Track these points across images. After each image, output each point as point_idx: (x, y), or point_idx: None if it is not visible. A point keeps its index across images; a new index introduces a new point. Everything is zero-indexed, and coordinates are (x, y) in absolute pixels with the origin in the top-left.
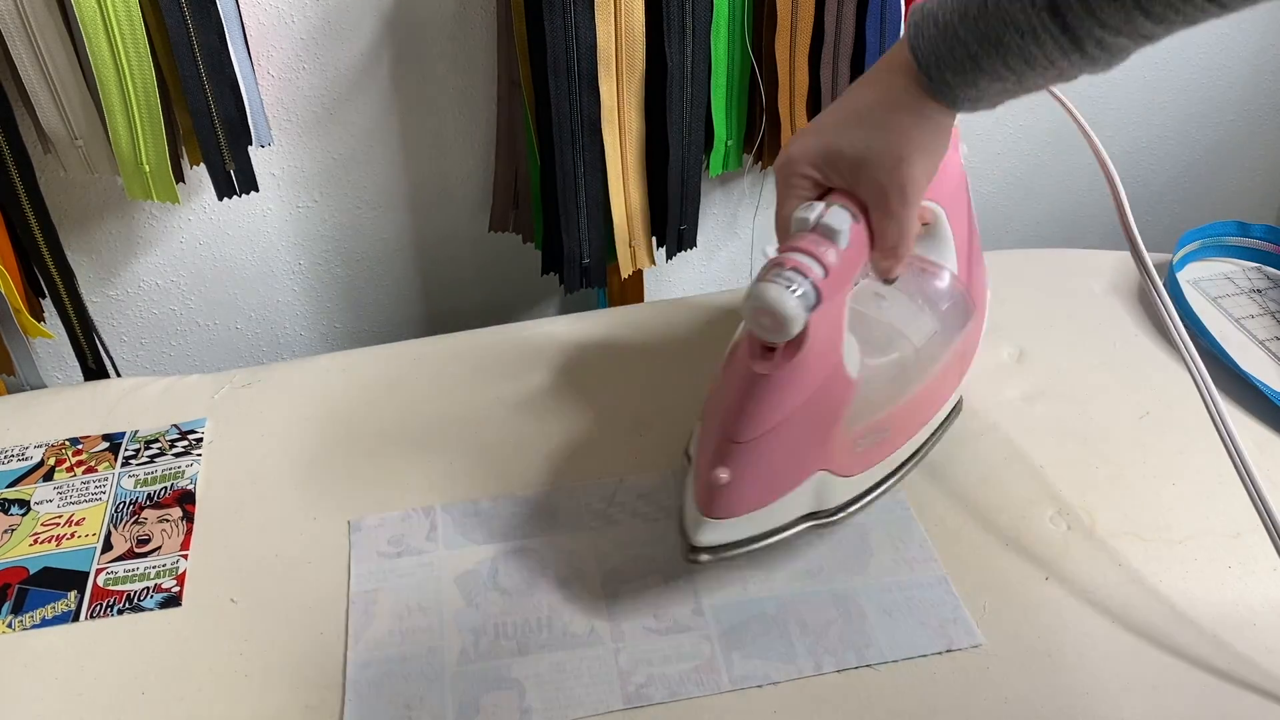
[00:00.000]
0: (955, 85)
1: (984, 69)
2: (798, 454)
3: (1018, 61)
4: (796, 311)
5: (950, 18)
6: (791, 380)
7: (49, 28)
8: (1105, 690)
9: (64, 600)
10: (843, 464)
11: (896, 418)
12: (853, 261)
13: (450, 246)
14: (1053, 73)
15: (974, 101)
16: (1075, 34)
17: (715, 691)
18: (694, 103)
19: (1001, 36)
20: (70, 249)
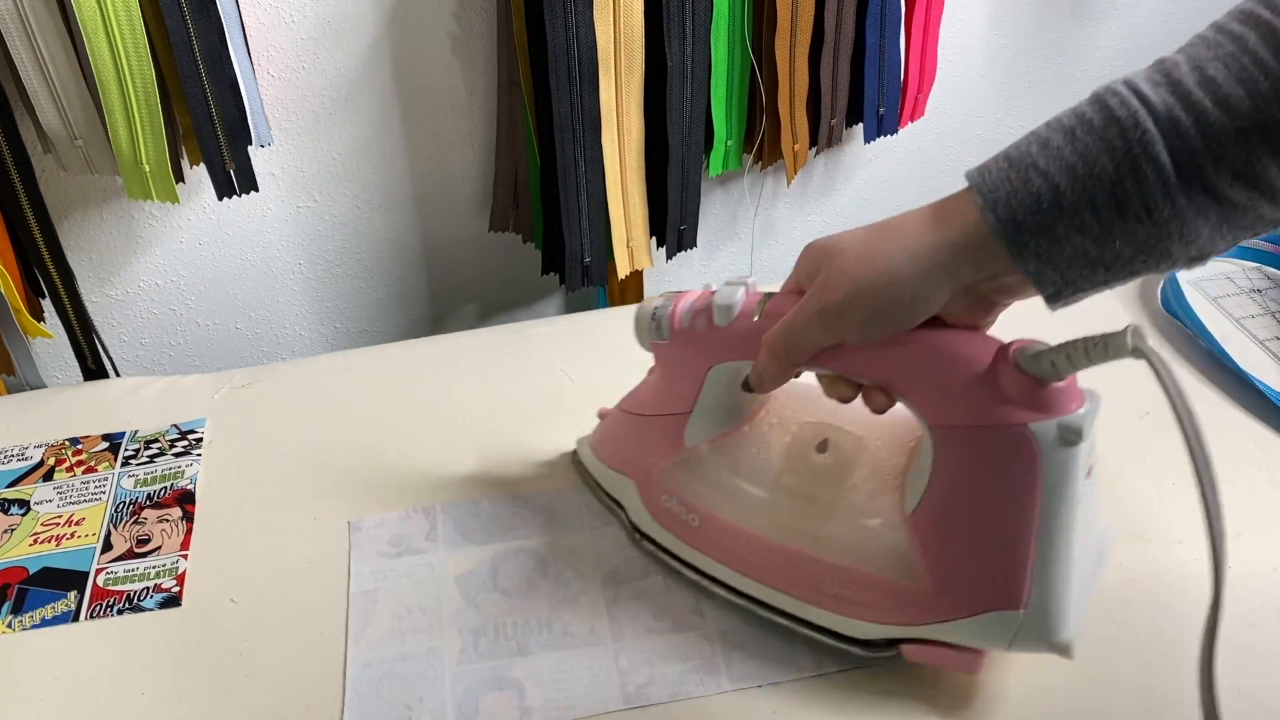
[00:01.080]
0: (1025, 227)
1: (1064, 207)
2: (627, 448)
3: (1107, 205)
4: (641, 327)
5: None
6: (646, 388)
7: (49, 28)
8: (1105, 691)
9: (64, 600)
10: (649, 497)
11: (709, 521)
12: (728, 342)
13: (450, 246)
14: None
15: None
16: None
17: (715, 691)
18: (694, 103)
19: (1093, 166)
20: (70, 249)
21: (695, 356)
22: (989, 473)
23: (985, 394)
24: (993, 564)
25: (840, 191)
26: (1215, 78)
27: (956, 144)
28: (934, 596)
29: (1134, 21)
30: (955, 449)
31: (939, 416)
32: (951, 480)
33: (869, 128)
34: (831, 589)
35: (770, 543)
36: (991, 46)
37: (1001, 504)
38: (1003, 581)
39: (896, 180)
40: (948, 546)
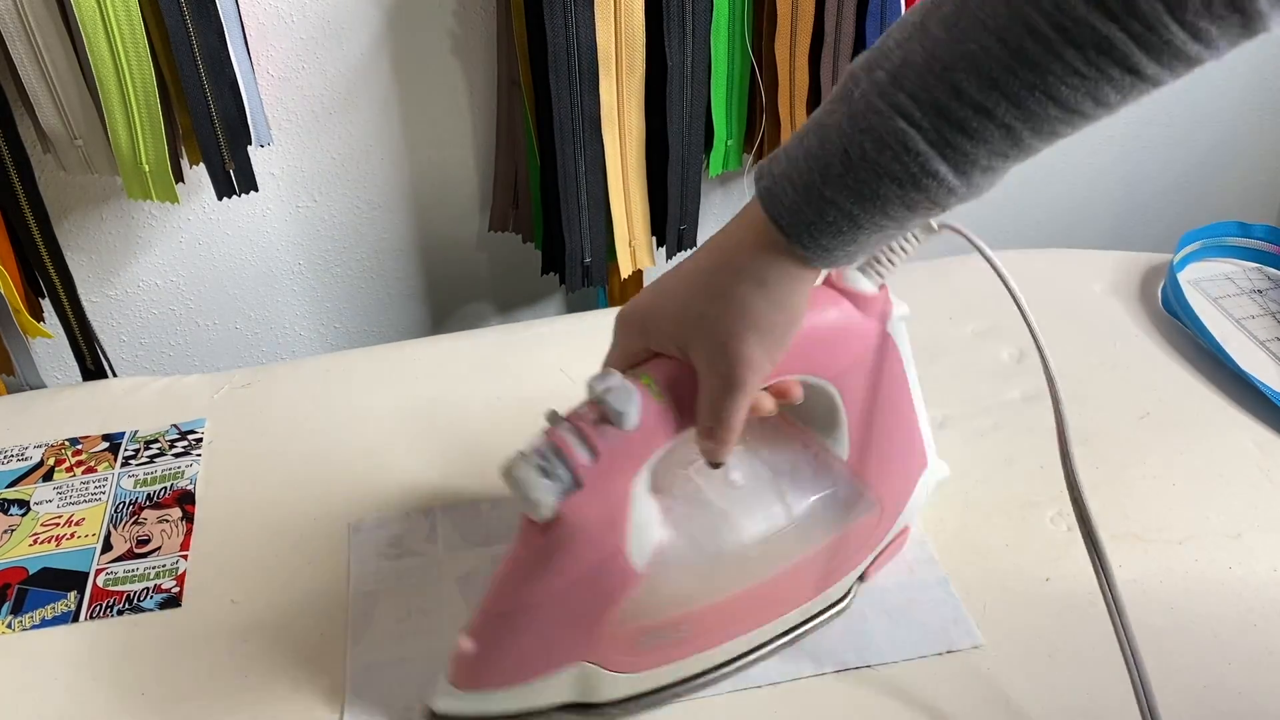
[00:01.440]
0: (834, 248)
1: (863, 225)
2: (553, 639)
3: (899, 209)
4: (539, 495)
5: (810, 179)
6: (551, 562)
7: (48, 27)
8: (1105, 692)
9: (64, 600)
10: (614, 659)
11: (705, 619)
12: (646, 442)
13: (450, 246)
14: (937, 210)
15: (852, 256)
16: (961, 169)
17: (715, 692)
18: (694, 102)
19: (878, 189)
20: (69, 249)
21: (619, 479)
22: (883, 383)
23: (857, 330)
24: (908, 449)
25: None
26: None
27: None
28: (887, 510)
29: None
30: (854, 385)
31: (837, 370)
32: (862, 411)
33: None
34: (815, 579)
35: (766, 582)
36: None
37: (898, 400)
38: (915, 455)
39: None
40: (881, 463)
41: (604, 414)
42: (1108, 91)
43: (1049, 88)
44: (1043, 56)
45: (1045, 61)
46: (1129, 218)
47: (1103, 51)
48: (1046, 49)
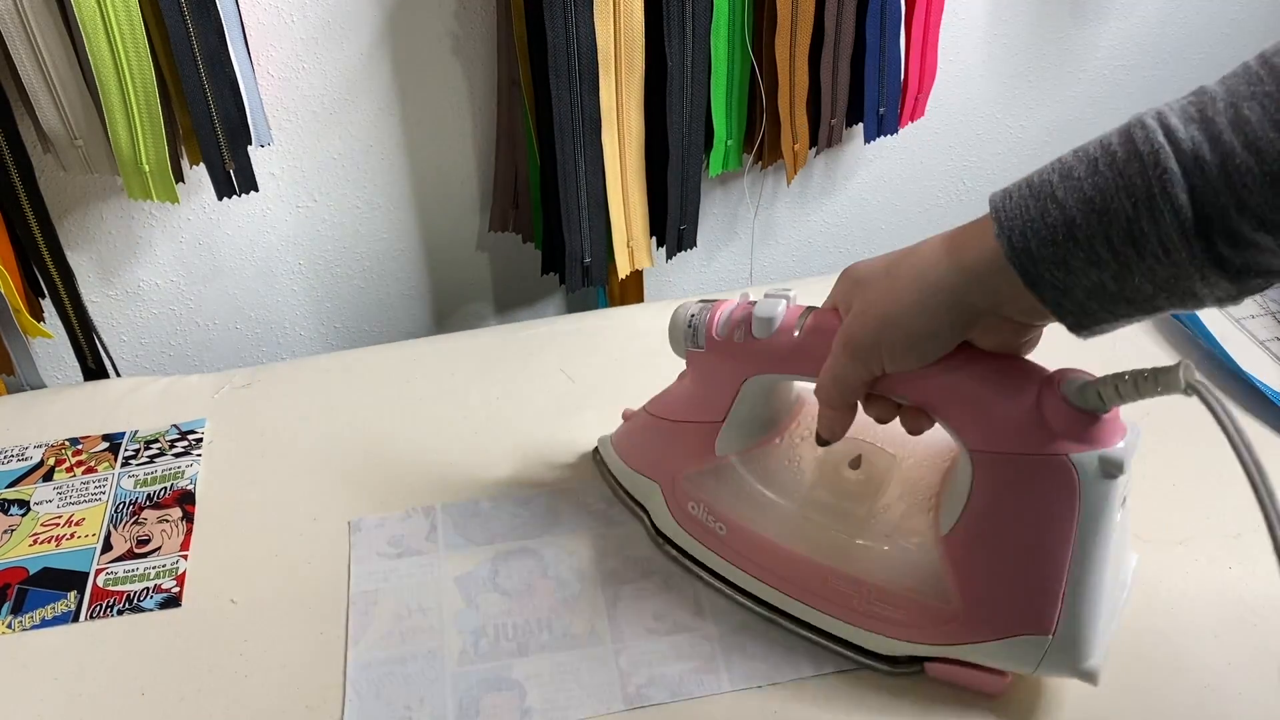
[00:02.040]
0: (1040, 259)
1: (1079, 240)
2: (652, 451)
3: (1124, 242)
4: (677, 340)
5: (1048, 177)
6: (676, 393)
7: (49, 27)
8: (1106, 692)
9: (64, 600)
10: (674, 503)
11: (735, 531)
12: (765, 356)
13: (450, 246)
14: (1164, 271)
15: (1060, 292)
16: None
17: (715, 691)
18: (694, 103)
19: (1110, 203)
20: (70, 249)
21: (731, 367)
22: (1027, 500)
23: (1029, 423)
24: (1025, 589)
25: (840, 191)
26: (1249, 118)
27: (956, 144)
28: (963, 618)
29: (1134, 21)
30: (995, 474)
31: (980, 442)
32: (989, 505)
33: (869, 128)
34: (860, 605)
35: (799, 556)
36: (991, 46)
37: (1038, 531)
38: (1034, 607)
39: (896, 180)
40: (981, 570)
41: (754, 310)
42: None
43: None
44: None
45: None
46: None
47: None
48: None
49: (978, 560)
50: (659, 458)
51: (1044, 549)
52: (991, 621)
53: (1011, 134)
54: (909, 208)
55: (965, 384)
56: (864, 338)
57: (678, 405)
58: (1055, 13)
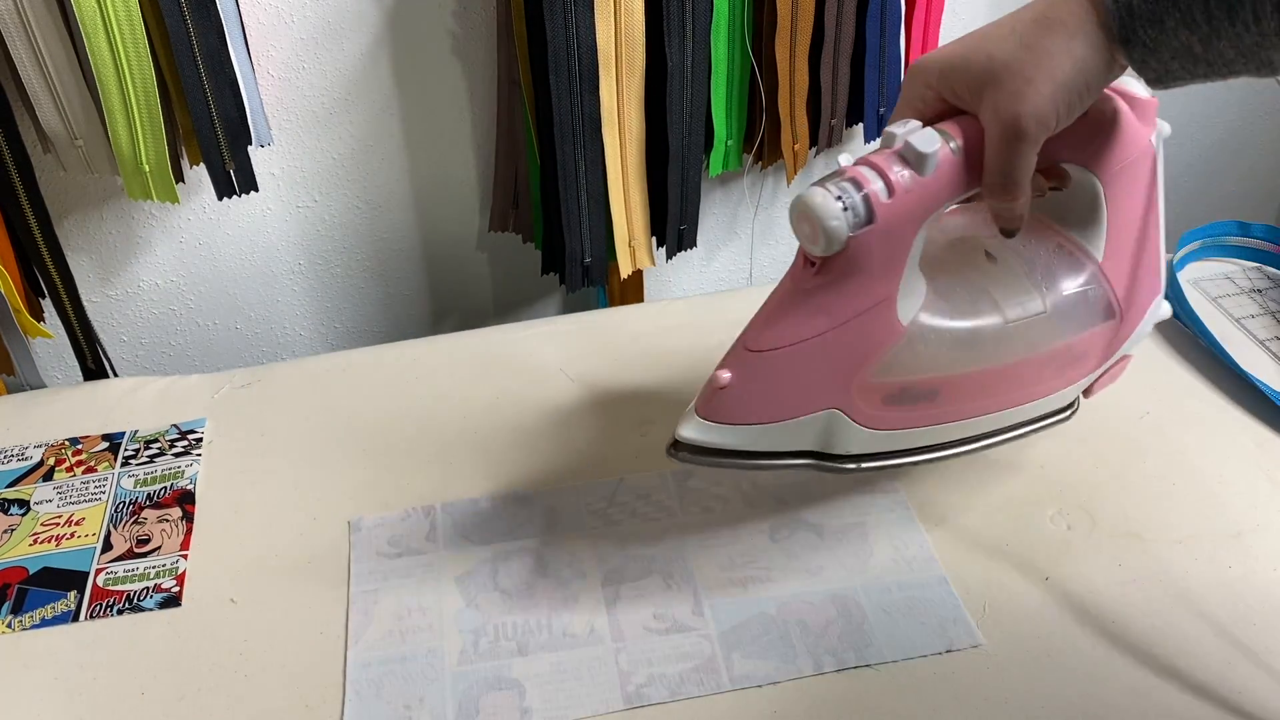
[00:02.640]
0: (1139, 13)
1: (1179, 3)
2: (810, 382)
3: (1219, 6)
4: (836, 223)
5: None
6: (823, 301)
7: (49, 28)
8: (1105, 691)
9: (64, 600)
10: (863, 412)
11: (952, 387)
12: (937, 193)
13: (450, 246)
14: (1250, 39)
15: (1149, 48)
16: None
17: (715, 691)
18: (694, 103)
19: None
20: (70, 249)
21: (907, 224)
22: (1140, 192)
23: (1132, 130)
24: (1151, 267)
25: None
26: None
27: None
28: (1125, 321)
29: None
30: (1119, 187)
31: (1108, 165)
32: (1121, 215)
33: (869, 128)
34: (1058, 373)
35: (1015, 363)
36: None
37: (1149, 214)
38: (1156, 276)
39: None
40: (1133, 269)
41: (904, 157)
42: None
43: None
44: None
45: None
46: None
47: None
48: None
49: (1126, 264)
50: (824, 381)
51: (1153, 225)
52: (1139, 309)
53: None
54: None
55: (1090, 122)
56: (1044, 109)
57: (820, 316)
58: None
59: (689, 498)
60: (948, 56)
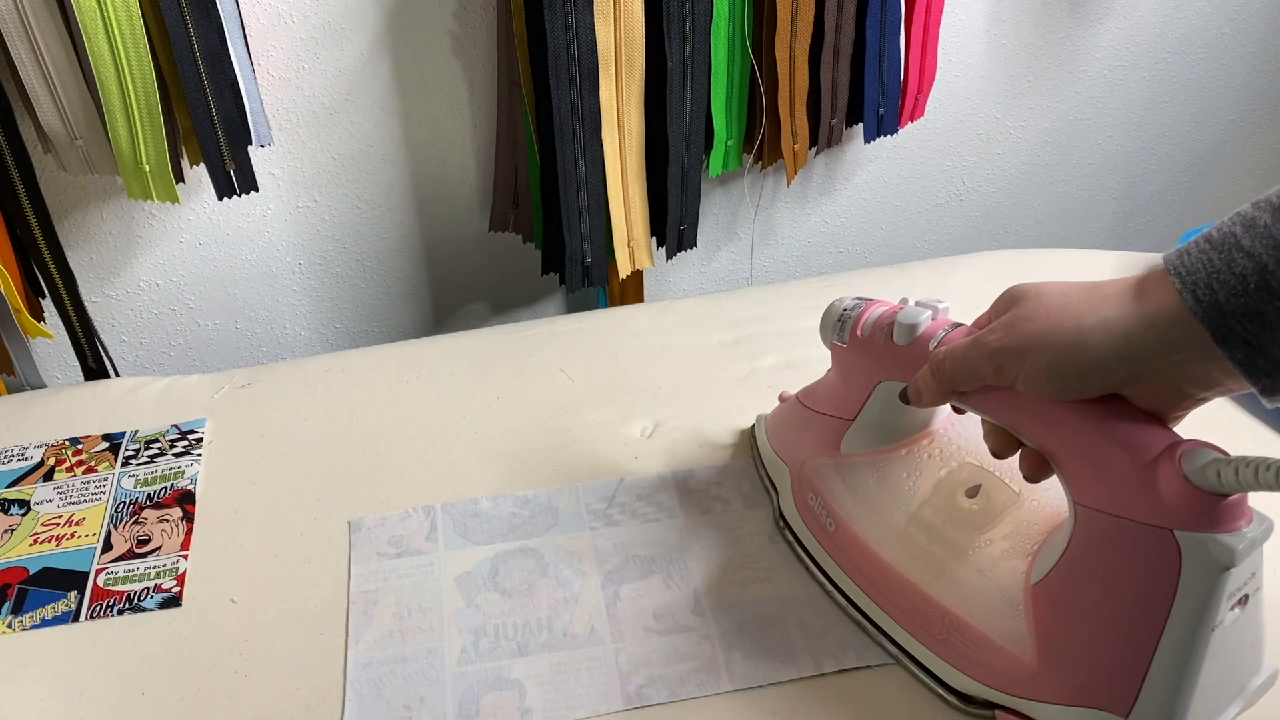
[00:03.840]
0: (1230, 311)
1: (1274, 288)
2: (789, 434)
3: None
4: (826, 332)
5: (1230, 229)
6: (822, 384)
7: (49, 28)
8: None
9: (64, 600)
10: (796, 489)
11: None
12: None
13: (450, 246)
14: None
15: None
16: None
17: (715, 691)
18: (694, 103)
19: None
20: (70, 249)
21: (868, 368)
22: (1124, 569)
23: (1139, 487)
24: (1106, 661)
25: (840, 191)
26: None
27: (956, 144)
28: (1037, 674)
29: (1134, 21)
30: (1095, 532)
31: (1086, 495)
32: (1084, 563)
33: (869, 128)
34: (940, 634)
35: (892, 569)
36: (991, 46)
37: (1130, 605)
38: (1112, 682)
39: (896, 180)
40: (1063, 628)
41: (898, 314)
42: None
43: None
44: None
45: None
46: (1128, 218)
47: None
48: None
49: (1062, 618)
50: (794, 442)
51: (1133, 624)
52: (1066, 685)
53: (1011, 134)
54: (909, 208)
55: (1085, 429)
56: (1011, 343)
57: (818, 395)
58: (1055, 13)
59: (689, 498)
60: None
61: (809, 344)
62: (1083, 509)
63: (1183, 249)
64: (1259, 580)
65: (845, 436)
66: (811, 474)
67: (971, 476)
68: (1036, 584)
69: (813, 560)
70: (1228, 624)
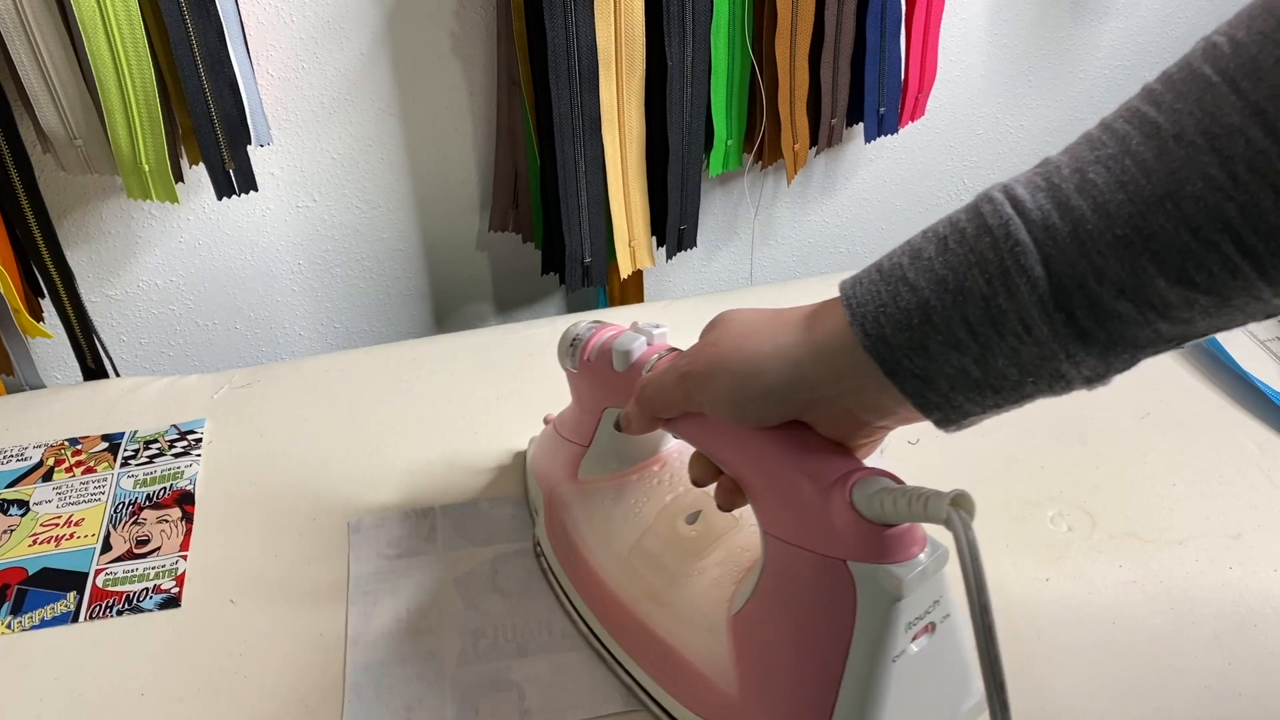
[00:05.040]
0: (896, 345)
1: (935, 323)
2: (544, 460)
3: (981, 321)
4: (562, 355)
5: (899, 260)
6: (568, 409)
7: (48, 27)
8: (1106, 692)
9: (63, 601)
10: (549, 516)
11: (578, 558)
12: (620, 388)
13: (450, 246)
14: (1027, 352)
15: (921, 381)
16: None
17: None
18: (694, 103)
19: (964, 280)
20: (69, 249)
21: (595, 393)
22: (807, 598)
23: (814, 517)
24: (799, 692)
25: (840, 191)
26: (1095, 181)
27: (956, 144)
28: (739, 705)
29: (1134, 21)
30: (781, 562)
31: (773, 526)
32: (774, 593)
33: (869, 128)
34: (657, 662)
35: (615, 597)
36: (991, 46)
37: (813, 634)
38: (805, 714)
39: (896, 180)
40: (758, 659)
41: (618, 338)
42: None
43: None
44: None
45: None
46: None
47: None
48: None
49: (757, 648)
50: (547, 468)
51: (818, 656)
52: (764, 715)
53: (1011, 134)
54: (909, 208)
55: (767, 459)
56: (696, 368)
57: (565, 421)
58: (1055, 13)
59: None
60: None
61: None
62: (770, 539)
63: (857, 276)
64: (946, 607)
65: (582, 463)
66: (558, 501)
67: (694, 502)
68: (736, 614)
69: (560, 585)
70: (914, 653)
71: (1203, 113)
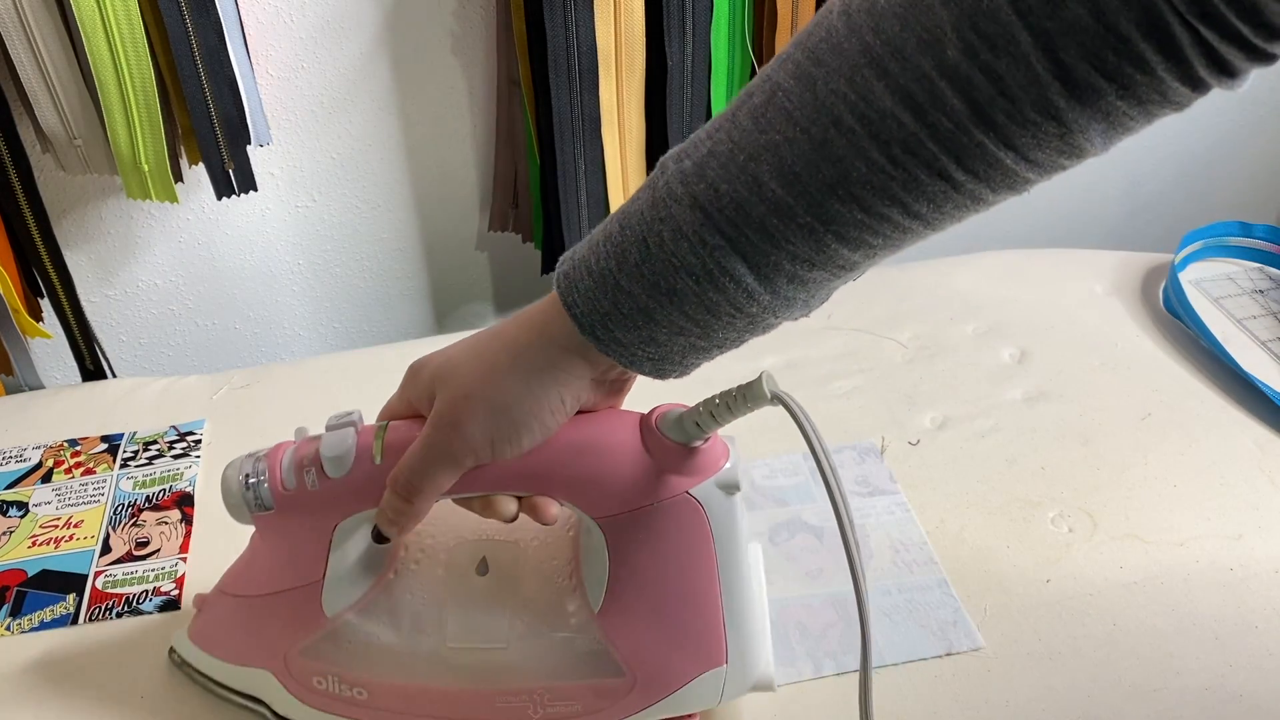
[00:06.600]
0: (630, 344)
1: (659, 321)
2: (246, 636)
3: (698, 310)
4: (235, 503)
5: (607, 264)
6: (252, 564)
7: (47, 27)
8: (1107, 694)
9: (62, 603)
10: (295, 684)
11: (383, 692)
12: (351, 496)
13: (450, 246)
14: (743, 320)
15: (658, 362)
16: (762, 272)
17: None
18: (694, 102)
19: (674, 283)
20: (68, 249)
21: (314, 519)
22: (665, 549)
23: (643, 475)
24: (691, 633)
25: None
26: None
27: None
28: (640, 684)
29: None
30: (626, 536)
31: (603, 509)
32: (630, 568)
33: None
34: (537, 713)
35: (457, 691)
36: None
37: (684, 574)
38: (704, 645)
39: None
40: (643, 634)
41: (319, 449)
42: (916, 199)
43: (851, 186)
44: (846, 151)
45: (848, 157)
46: (1130, 218)
47: (909, 151)
48: (850, 143)
49: (636, 625)
50: (260, 641)
51: (696, 588)
52: (667, 677)
53: None
54: None
55: (567, 458)
56: (472, 429)
57: (262, 576)
58: None
59: None
60: (434, 358)
61: (809, 344)
62: (606, 521)
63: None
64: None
65: (324, 600)
66: (307, 658)
67: (470, 555)
68: (600, 611)
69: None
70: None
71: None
